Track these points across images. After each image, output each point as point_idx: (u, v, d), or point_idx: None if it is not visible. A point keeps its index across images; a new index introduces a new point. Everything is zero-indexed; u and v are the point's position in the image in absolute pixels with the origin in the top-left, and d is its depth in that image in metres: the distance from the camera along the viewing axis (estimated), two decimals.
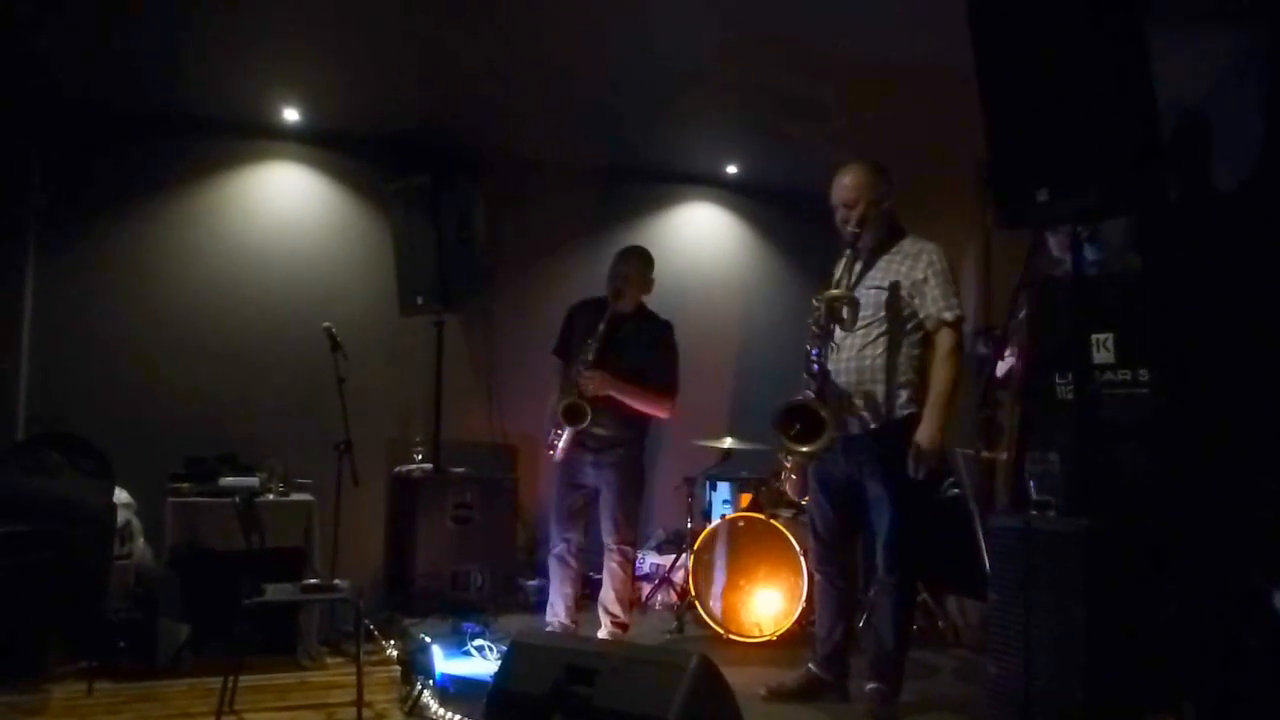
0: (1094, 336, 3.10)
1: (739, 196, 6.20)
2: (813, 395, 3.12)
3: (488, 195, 5.14)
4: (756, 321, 6.07)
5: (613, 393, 3.80)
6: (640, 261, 4.02)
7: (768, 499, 4.63)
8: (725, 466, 5.05)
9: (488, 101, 4.82)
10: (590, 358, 3.80)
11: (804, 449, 3.11)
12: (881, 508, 3.20)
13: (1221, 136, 3.10)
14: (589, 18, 3.88)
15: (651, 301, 4.13)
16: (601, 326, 3.83)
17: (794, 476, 4.39)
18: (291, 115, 4.95)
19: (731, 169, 5.93)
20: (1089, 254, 3.23)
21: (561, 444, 3.84)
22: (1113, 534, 2.63)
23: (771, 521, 4.34)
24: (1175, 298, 3.08)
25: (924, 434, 3.08)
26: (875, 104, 4.58)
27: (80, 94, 4.66)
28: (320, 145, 5.24)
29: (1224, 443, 2.88)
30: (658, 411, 3.92)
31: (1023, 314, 4.07)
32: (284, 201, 5.21)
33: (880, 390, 3.18)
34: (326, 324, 3.92)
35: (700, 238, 6.17)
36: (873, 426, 3.19)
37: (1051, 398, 3.31)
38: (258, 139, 5.12)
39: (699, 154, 5.69)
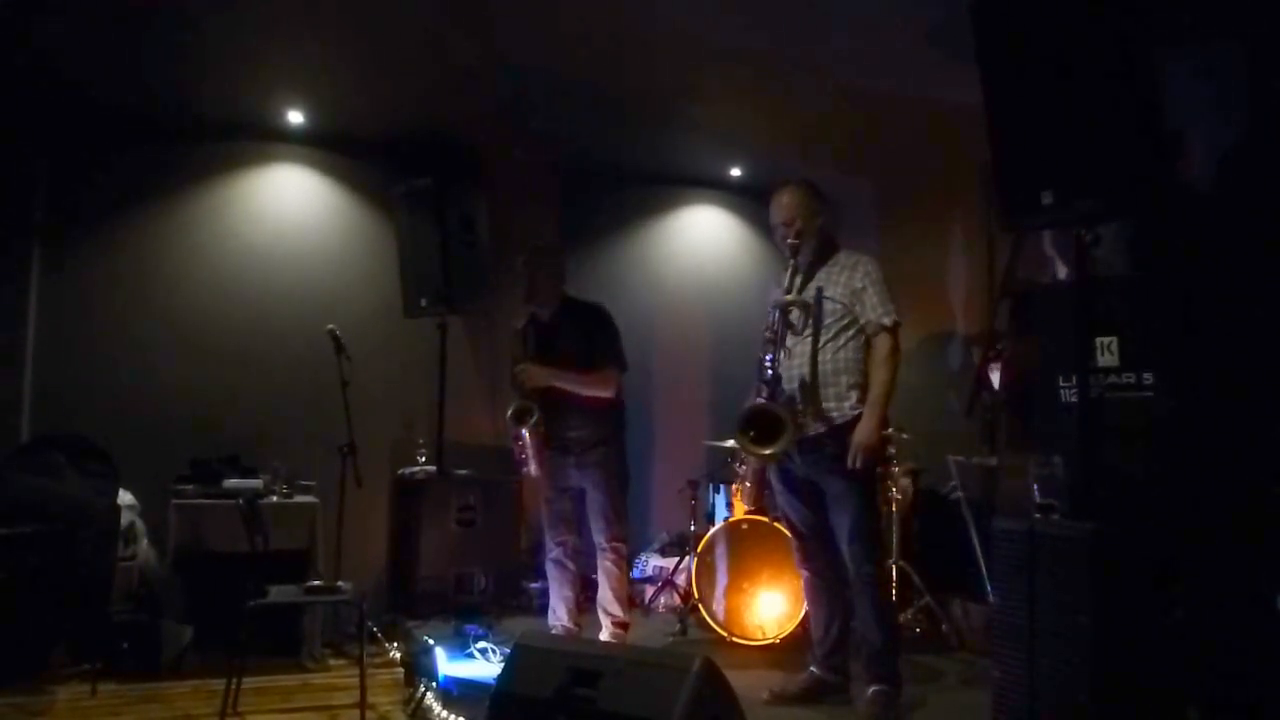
0: (1097, 340, 3.10)
1: (743, 199, 6.20)
2: (765, 400, 3.24)
3: (491, 198, 5.15)
4: (760, 324, 6.05)
5: (551, 382, 3.81)
6: (540, 256, 4.02)
7: (770, 502, 4.63)
8: (729, 469, 5.04)
9: (492, 104, 4.82)
10: (525, 356, 3.86)
11: (765, 451, 3.23)
12: (842, 505, 3.28)
13: (1207, 140, 3.11)
14: (593, 22, 3.89)
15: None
16: (520, 325, 3.95)
17: (749, 485, 4.46)
18: (296, 118, 4.96)
19: (735, 172, 5.93)
20: (1096, 256, 3.22)
21: (530, 455, 3.85)
22: (1117, 538, 2.62)
23: (775, 524, 4.33)
24: (1178, 300, 3.08)
25: (862, 430, 3.22)
26: (878, 105, 4.58)
27: (85, 97, 4.67)
28: (324, 148, 5.25)
29: (1229, 446, 2.87)
30: (601, 390, 3.85)
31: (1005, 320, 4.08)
32: (288, 204, 5.22)
33: (831, 392, 3.30)
34: (330, 326, 3.92)
35: (704, 240, 6.18)
36: (826, 428, 3.28)
37: (1055, 401, 3.30)
38: (262, 142, 5.14)
39: (703, 157, 5.70)
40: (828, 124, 4.90)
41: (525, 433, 3.80)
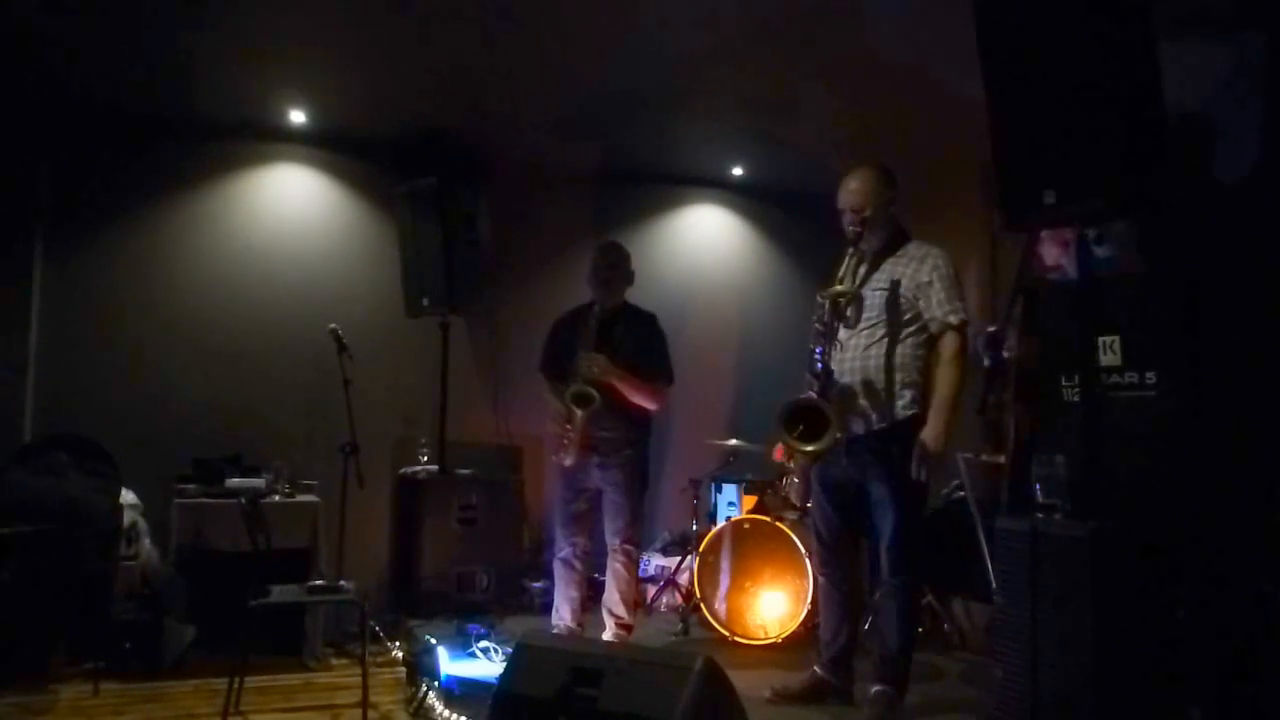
0: (1100, 339, 3.09)
1: (744, 199, 6.20)
2: (816, 395, 3.13)
3: (493, 197, 5.16)
4: (762, 323, 6.07)
5: (614, 380, 3.78)
6: (620, 254, 4.04)
7: (773, 501, 4.63)
8: (730, 468, 5.04)
9: (494, 104, 4.82)
10: (590, 345, 3.80)
11: (809, 448, 3.11)
12: (885, 509, 3.19)
13: (1220, 138, 3.10)
14: (594, 21, 3.88)
15: (653, 302, 4.14)
16: (593, 321, 3.84)
17: (797, 480, 4.39)
18: (298, 118, 4.96)
19: (737, 171, 5.93)
20: (1099, 255, 3.21)
21: (573, 443, 3.78)
22: (1120, 538, 2.62)
23: (777, 524, 4.34)
24: (1181, 300, 3.07)
25: (929, 435, 3.09)
26: (879, 105, 4.58)
27: (87, 97, 4.68)
28: (327, 148, 5.26)
29: (1232, 445, 2.87)
30: (653, 402, 3.91)
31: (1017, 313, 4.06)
32: (290, 204, 5.23)
33: (884, 391, 3.18)
34: (332, 326, 3.93)
35: (705, 240, 6.17)
36: (876, 427, 3.19)
37: (1058, 400, 3.30)
38: (264, 141, 5.14)
39: (704, 156, 5.69)
40: (830, 121, 4.89)
41: (580, 415, 3.73)
